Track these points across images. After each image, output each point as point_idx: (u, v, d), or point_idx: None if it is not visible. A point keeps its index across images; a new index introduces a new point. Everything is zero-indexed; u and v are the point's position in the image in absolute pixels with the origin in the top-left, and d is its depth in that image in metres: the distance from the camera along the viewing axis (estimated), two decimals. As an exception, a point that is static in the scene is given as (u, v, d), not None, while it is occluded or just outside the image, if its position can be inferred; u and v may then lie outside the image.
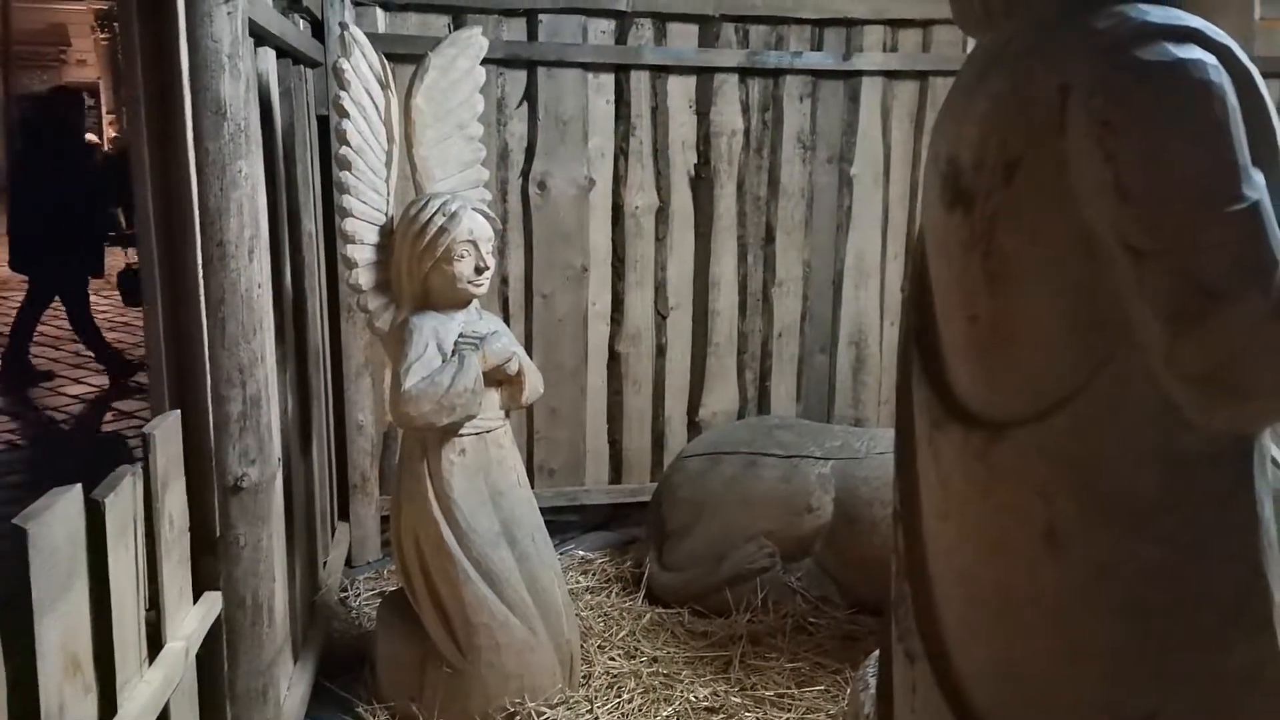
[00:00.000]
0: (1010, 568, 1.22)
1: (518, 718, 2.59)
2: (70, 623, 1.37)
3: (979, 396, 1.24)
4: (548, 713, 2.61)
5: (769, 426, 3.62)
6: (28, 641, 1.26)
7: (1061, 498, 1.16)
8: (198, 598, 1.95)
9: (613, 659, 2.93)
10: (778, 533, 3.26)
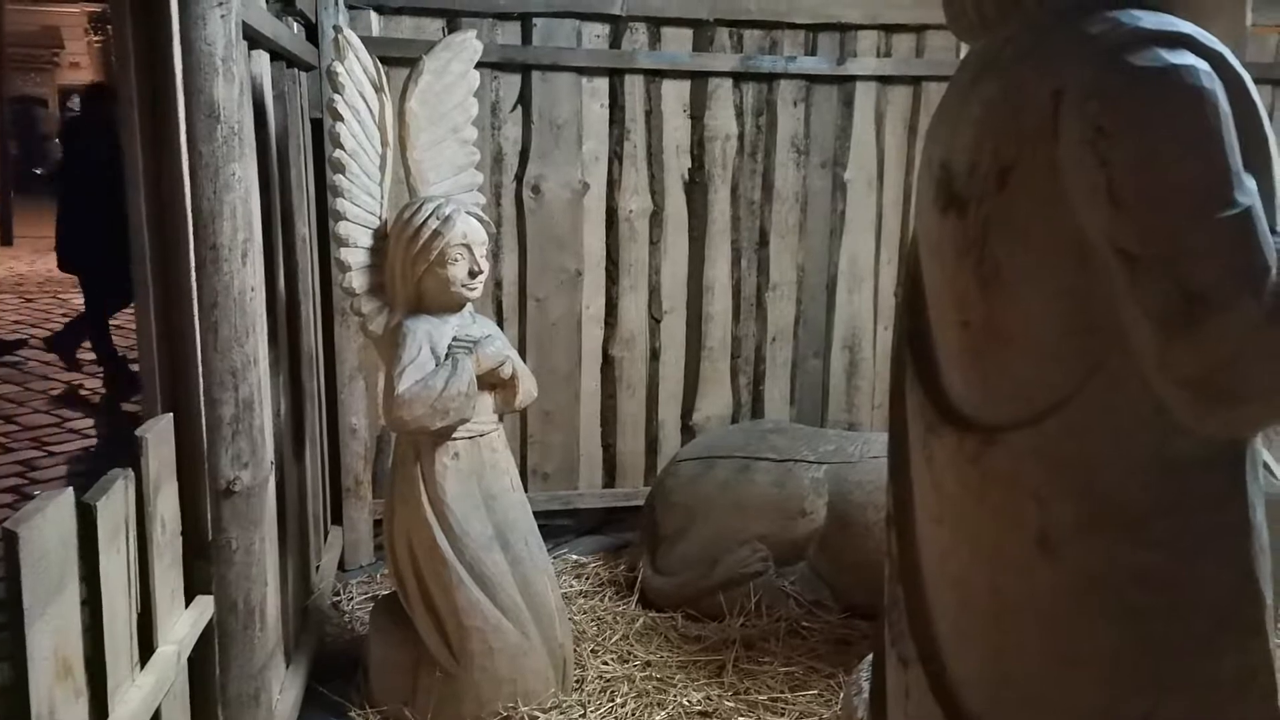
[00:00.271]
0: (1004, 572, 1.22)
1: (511, 722, 2.58)
2: (61, 626, 1.36)
3: (972, 401, 1.25)
4: (541, 717, 2.61)
5: (762, 430, 3.62)
6: (19, 645, 1.26)
7: (1055, 502, 1.16)
8: (190, 601, 1.95)
9: (606, 663, 2.93)
10: (771, 537, 3.26)
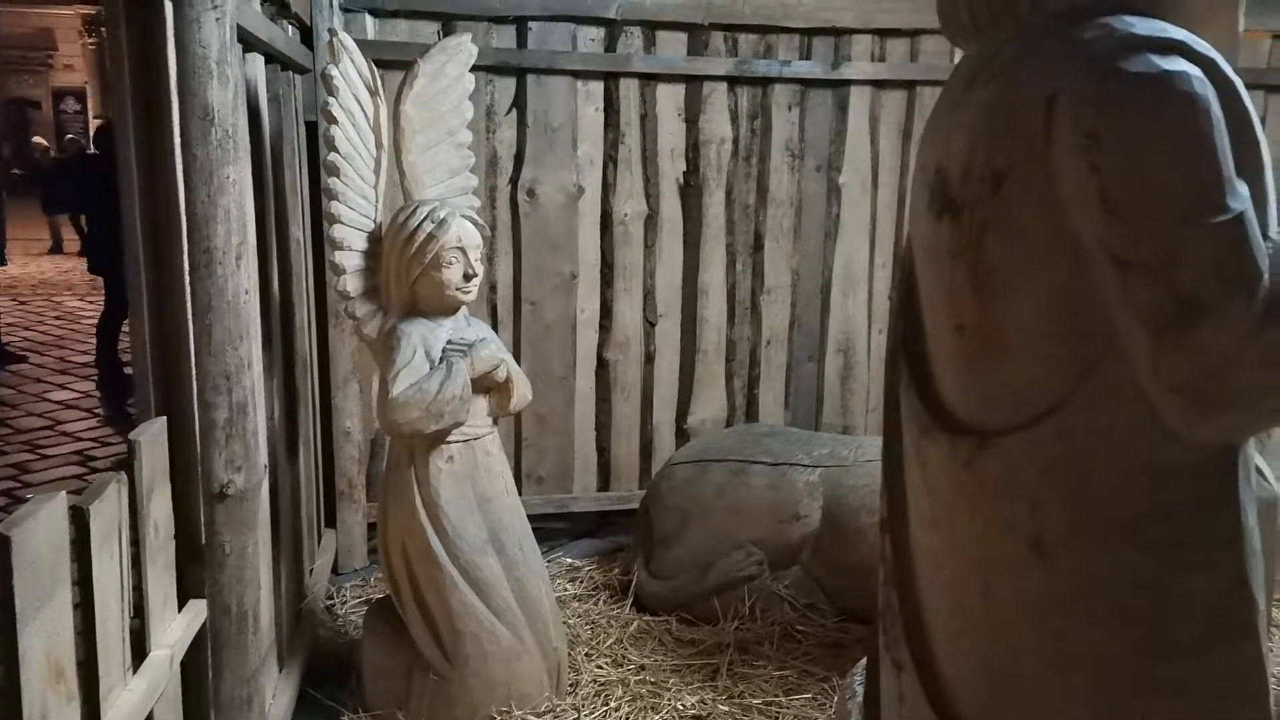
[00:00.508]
0: (997, 576, 1.22)
1: (504, 726, 2.58)
2: (53, 630, 1.36)
3: (966, 405, 1.25)
4: (534, 721, 2.61)
5: (757, 434, 3.62)
6: (10, 649, 1.25)
7: (1048, 506, 1.17)
8: (183, 605, 1.94)
9: (600, 667, 2.93)
10: (765, 540, 3.26)
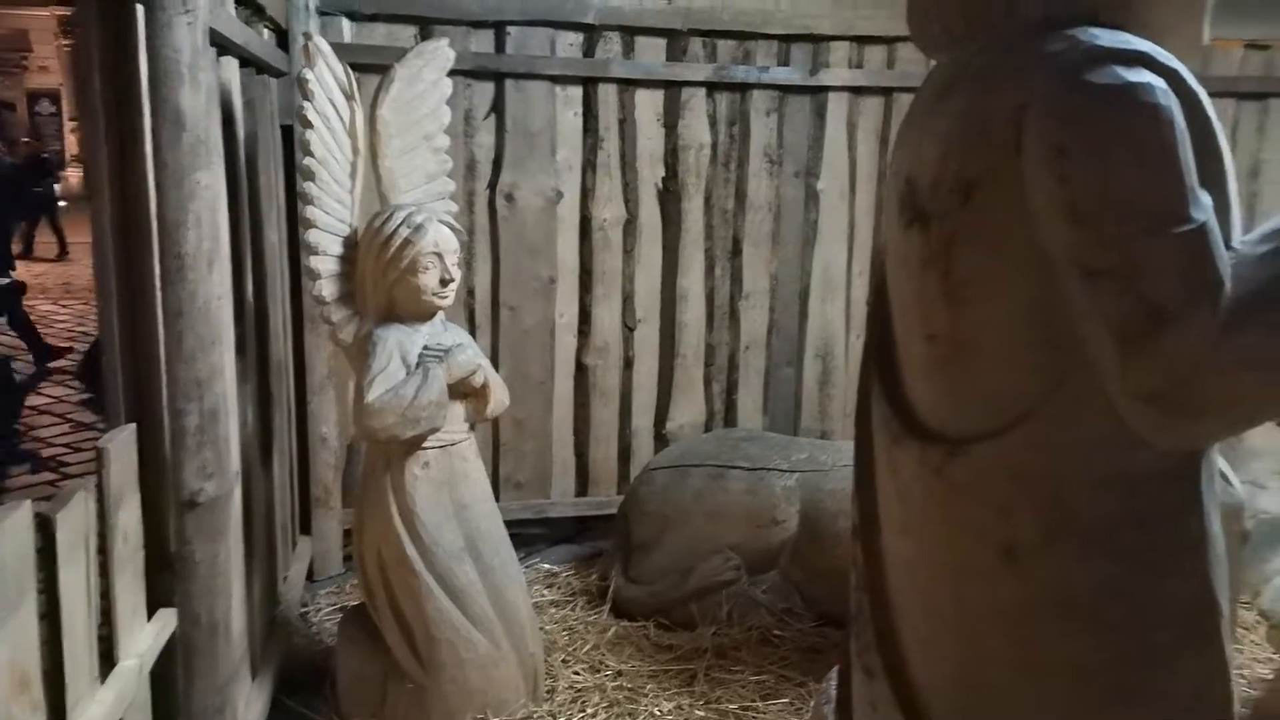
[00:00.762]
0: (969, 583, 1.23)
1: (481, 733, 2.57)
2: (19, 640, 1.34)
3: (937, 413, 1.25)
4: (511, 728, 2.60)
5: (735, 439, 3.62)
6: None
7: (1019, 514, 1.17)
8: (152, 614, 1.92)
9: (577, 673, 2.92)
10: (743, 545, 3.26)
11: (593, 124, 3.76)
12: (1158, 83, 1.04)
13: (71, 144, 19.28)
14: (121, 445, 1.76)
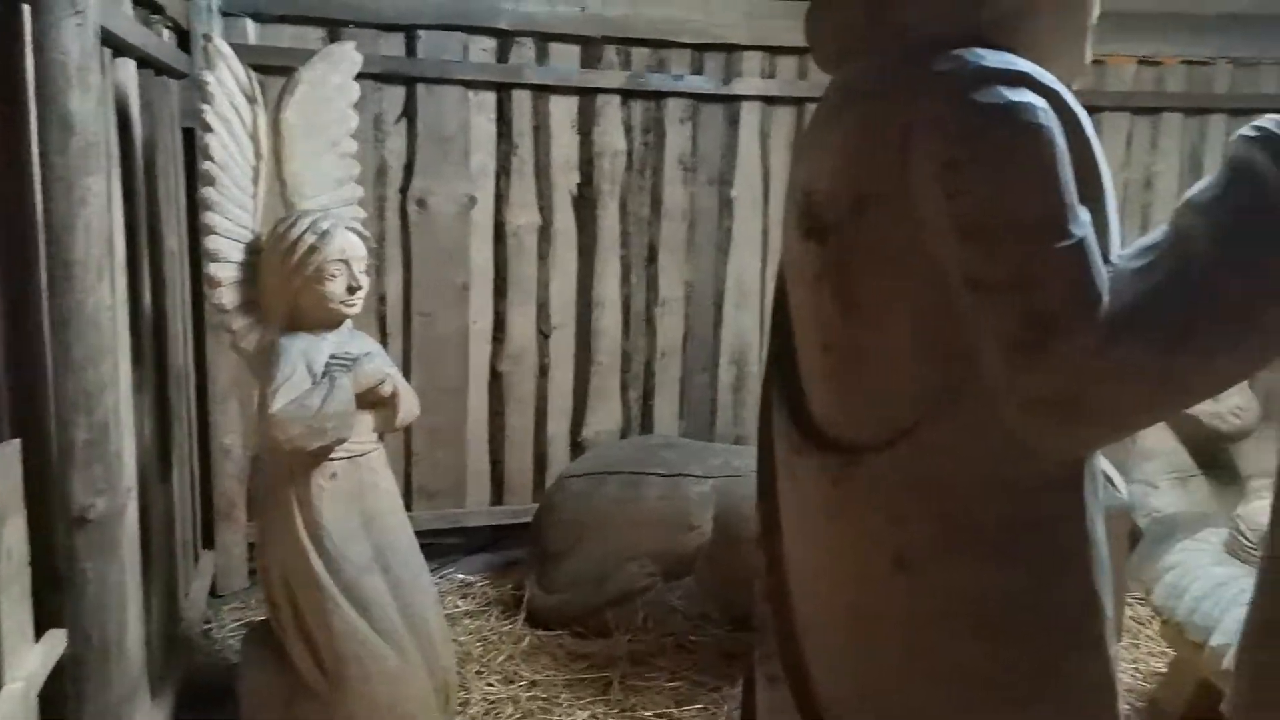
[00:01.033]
0: (864, 591, 1.25)
1: (390, 749, 2.52)
2: (-113, 670, 1.28)
3: (834, 423, 1.27)
4: (422, 742, 2.56)
5: (652, 446, 3.64)
6: None
7: (912, 523, 1.19)
8: (41, 635, 1.85)
9: (490, 685, 2.90)
10: (659, 552, 3.27)
11: (507, 130, 3.74)
12: (1039, 103, 1.08)
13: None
14: (5, 460, 1.69)
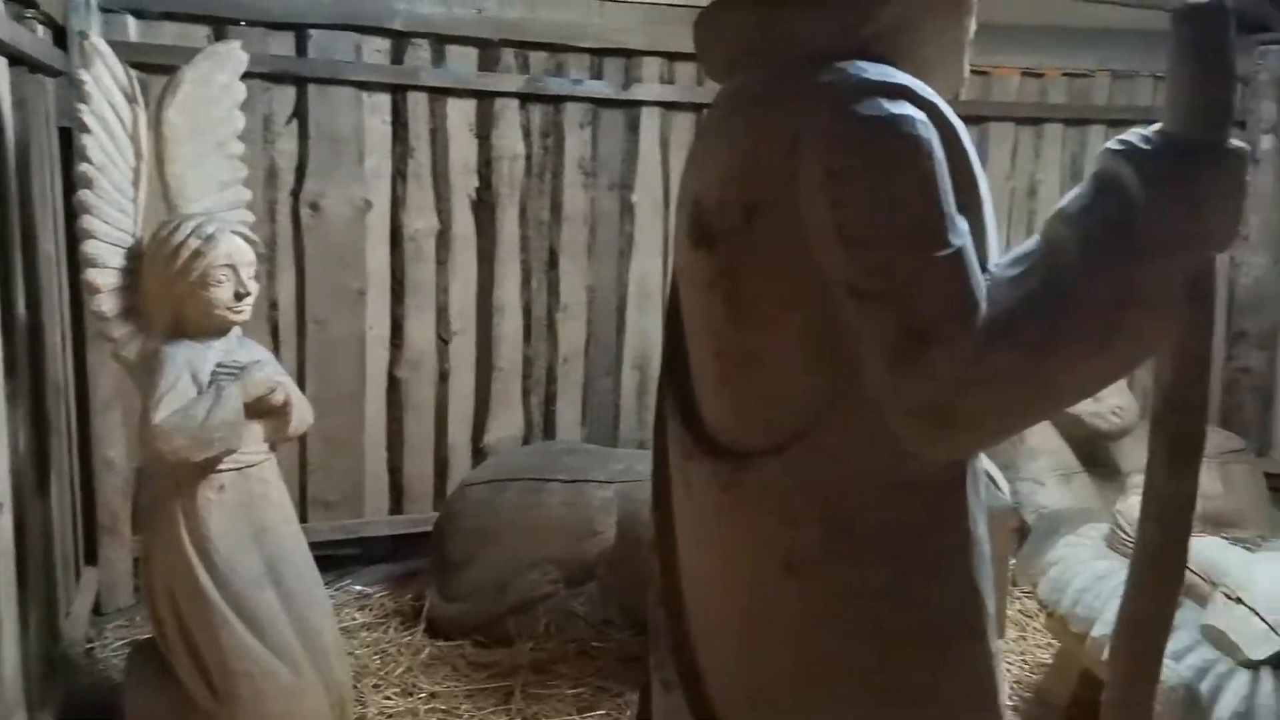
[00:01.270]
0: (755, 595, 1.26)
1: (284, 767, 2.46)
2: None
3: (725, 428, 1.28)
4: (317, 759, 2.50)
5: (554, 452, 3.63)
6: None
7: (801, 526, 1.21)
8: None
9: (388, 698, 2.85)
10: (562, 558, 3.26)
11: (402, 132, 3.69)
12: (918, 115, 1.10)
13: None
14: None
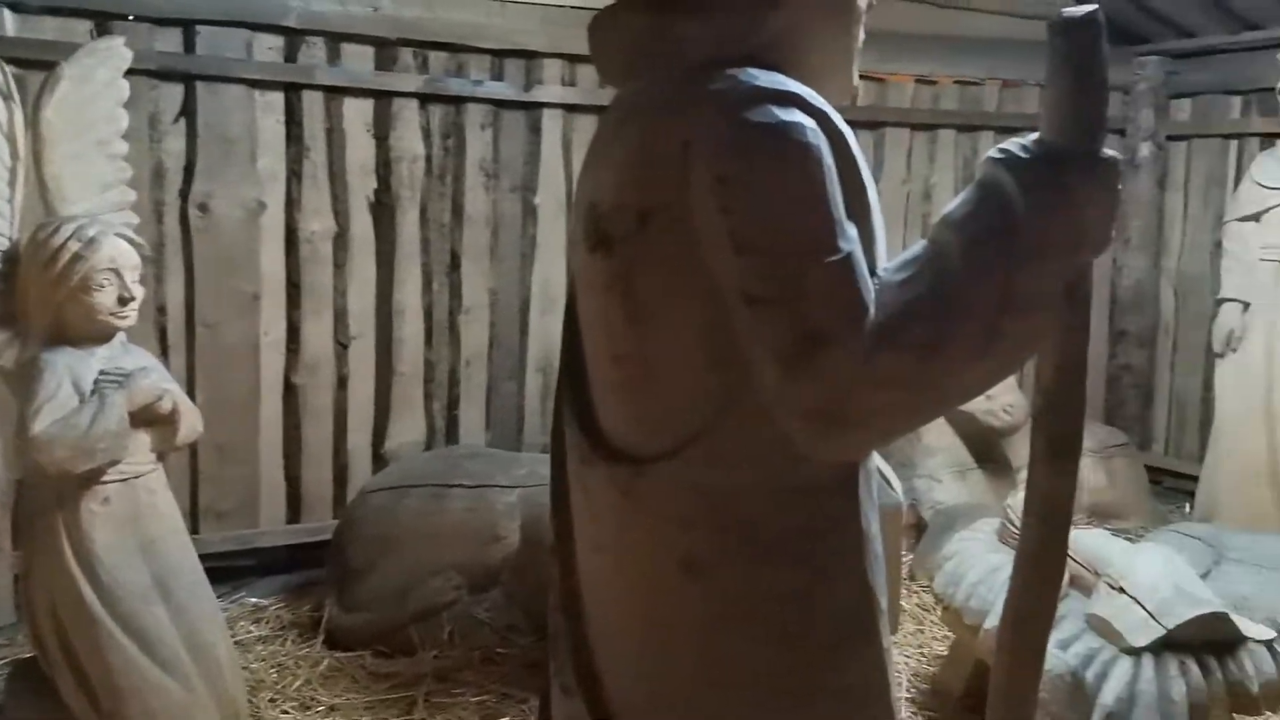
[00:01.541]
0: (654, 599, 1.26)
1: (175, 788, 2.38)
2: None
3: (623, 433, 1.28)
4: (210, 778, 2.43)
5: (457, 457, 3.59)
6: None
7: (699, 529, 1.22)
8: None
9: (286, 712, 2.78)
10: (465, 564, 3.23)
11: (297, 132, 3.60)
12: (808, 122, 1.12)
13: None
14: None
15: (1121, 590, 2.50)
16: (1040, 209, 1.10)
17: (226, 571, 3.48)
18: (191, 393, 3.28)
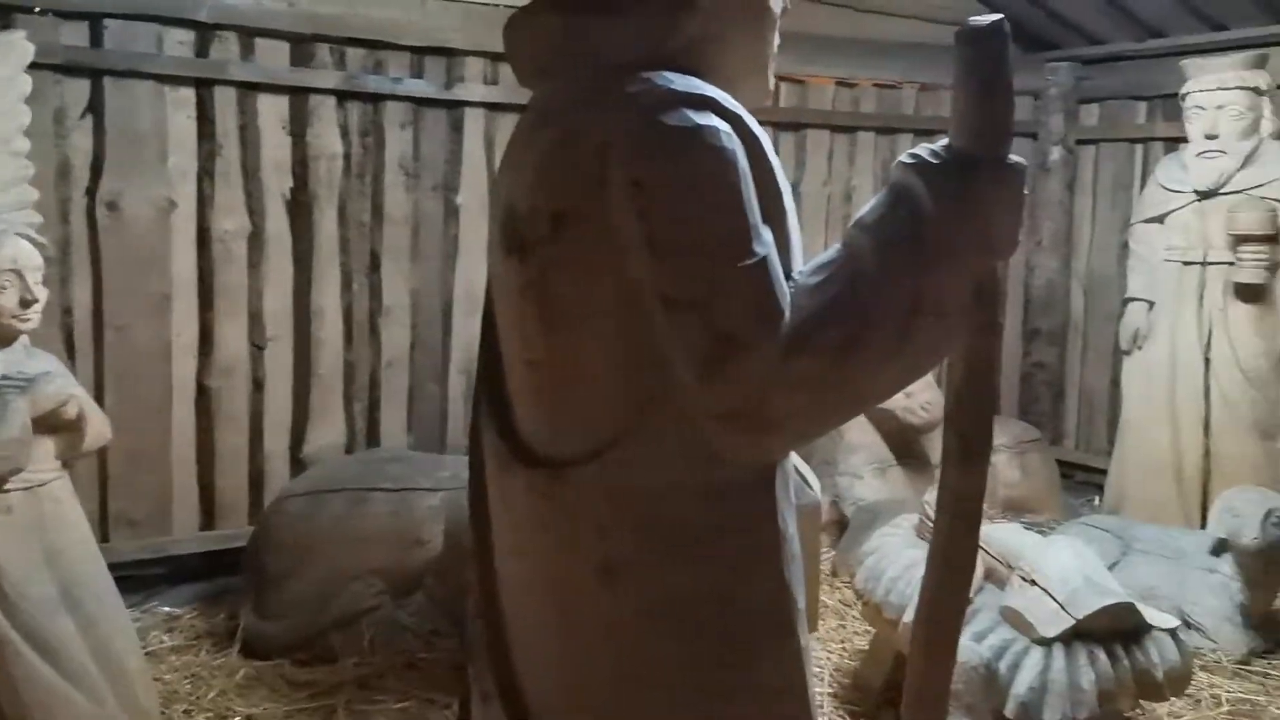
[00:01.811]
0: (573, 601, 1.26)
1: (83, 806, 2.31)
2: None
3: (540, 437, 1.28)
4: (120, 794, 2.36)
5: (378, 460, 3.54)
6: None
7: (616, 532, 1.22)
8: None
9: (201, 724, 2.71)
10: (387, 569, 3.19)
11: (209, 129, 3.52)
12: (723, 126, 1.13)
13: None
14: None
15: (1033, 583, 2.57)
16: (949, 214, 1.12)
17: (138, 580, 3.38)
18: (100, 397, 3.18)
